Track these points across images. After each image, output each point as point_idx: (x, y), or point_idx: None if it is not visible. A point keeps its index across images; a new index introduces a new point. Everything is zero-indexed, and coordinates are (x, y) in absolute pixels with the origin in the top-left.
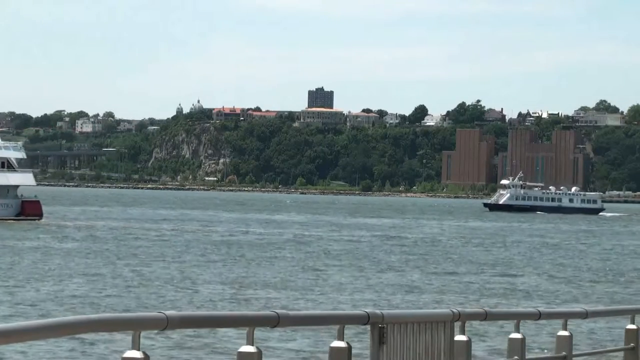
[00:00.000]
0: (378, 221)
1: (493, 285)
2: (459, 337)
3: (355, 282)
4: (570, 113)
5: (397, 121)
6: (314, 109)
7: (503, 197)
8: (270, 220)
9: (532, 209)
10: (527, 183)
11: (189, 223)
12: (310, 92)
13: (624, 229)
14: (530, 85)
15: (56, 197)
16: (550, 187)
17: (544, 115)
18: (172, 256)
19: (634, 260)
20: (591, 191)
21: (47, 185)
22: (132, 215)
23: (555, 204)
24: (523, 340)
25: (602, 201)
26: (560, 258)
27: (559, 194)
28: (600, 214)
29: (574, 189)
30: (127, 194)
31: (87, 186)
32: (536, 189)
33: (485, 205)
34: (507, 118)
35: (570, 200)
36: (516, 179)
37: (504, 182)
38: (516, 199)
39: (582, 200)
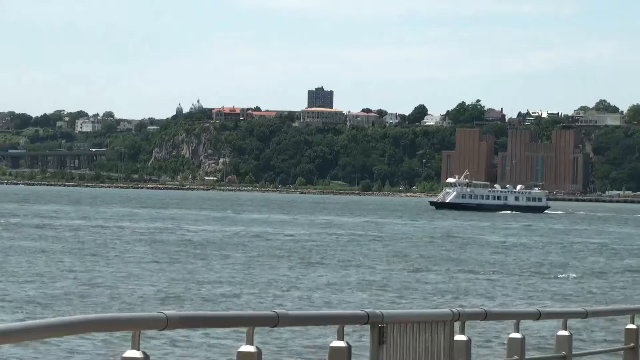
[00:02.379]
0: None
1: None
2: (459, 337)
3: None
4: (570, 113)
5: (397, 121)
6: (314, 109)
7: (449, 195)
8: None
9: (478, 208)
10: (474, 181)
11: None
12: (310, 92)
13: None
14: (530, 85)
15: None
16: (496, 186)
17: (544, 115)
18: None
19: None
20: (591, 191)
21: (47, 185)
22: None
23: (501, 202)
24: (523, 340)
25: (553, 199)
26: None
27: (505, 192)
28: (546, 212)
29: (519, 187)
30: (123, 194)
31: (87, 186)
32: (502, 187)
33: (432, 204)
34: (507, 118)
35: (516, 199)
36: (462, 177)
37: (450, 180)
38: (463, 198)
39: (528, 199)
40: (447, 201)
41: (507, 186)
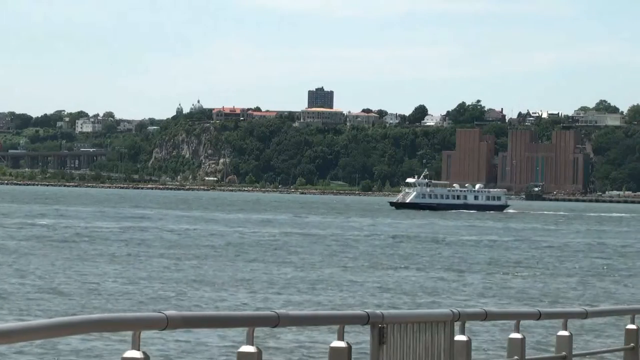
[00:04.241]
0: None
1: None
2: (459, 337)
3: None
4: (570, 113)
5: (397, 121)
6: (314, 109)
7: (409, 195)
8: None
9: (438, 207)
10: (433, 181)
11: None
12: (310, 92)
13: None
14: (530, 85)
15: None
16: (455, 185)
17: (544, 115)
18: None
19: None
20: (591, 191)
21: (47, 185)
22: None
23: (461, 201)
24: (523, 340)
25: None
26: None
27: (464, 191)
28: (505, 210)
29: (477, 186)
30: (121, 194)
31: (87, 186)
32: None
33: (392, 204)
34: (507, 118)
35: (475, 198)
36: (421, 177)
37: (410, 180)
38: (422, 197)
39: (487, 198)
40: (407, 201)
41: (466, 185)
